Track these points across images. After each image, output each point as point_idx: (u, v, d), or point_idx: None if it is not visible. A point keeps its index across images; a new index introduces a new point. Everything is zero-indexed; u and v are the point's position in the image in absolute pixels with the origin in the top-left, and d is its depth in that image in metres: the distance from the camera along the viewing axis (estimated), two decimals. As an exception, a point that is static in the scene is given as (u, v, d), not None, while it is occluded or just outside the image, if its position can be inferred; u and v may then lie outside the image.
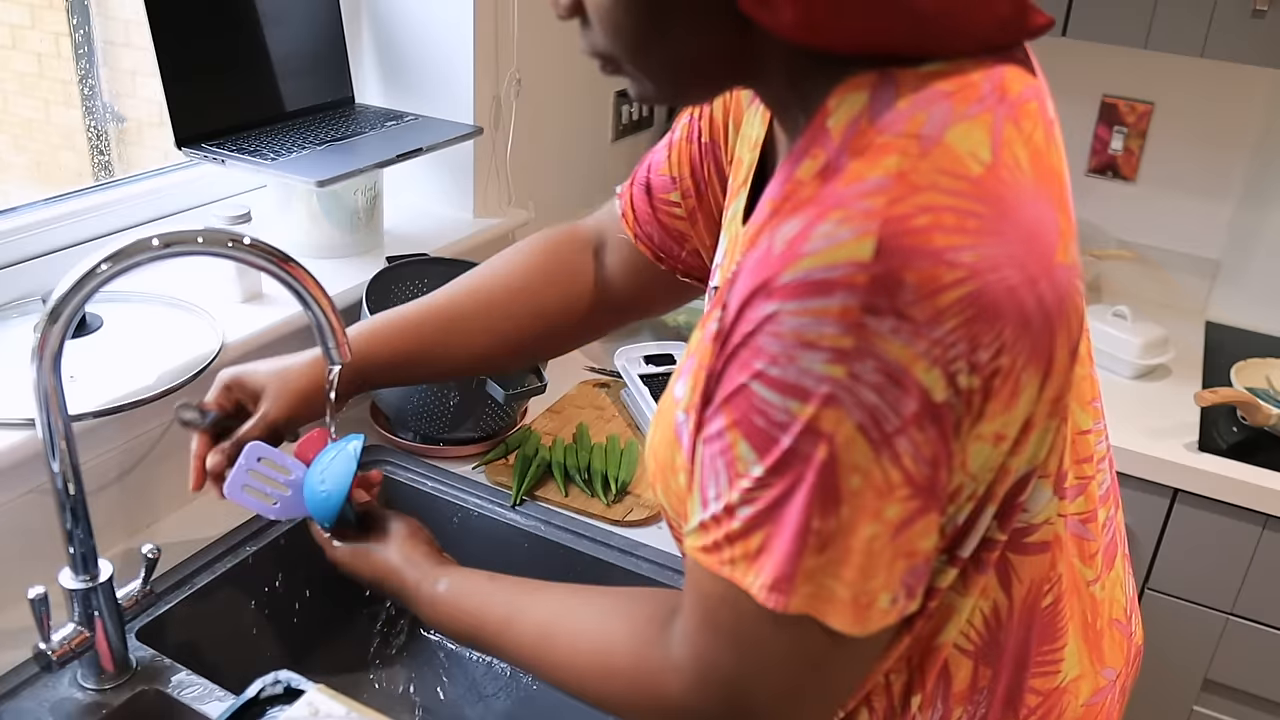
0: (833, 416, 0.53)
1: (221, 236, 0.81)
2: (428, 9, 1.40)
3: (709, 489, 0.59)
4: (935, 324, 0.52)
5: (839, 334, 0.51)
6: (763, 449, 0.56)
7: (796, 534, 0.55)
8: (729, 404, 0.57)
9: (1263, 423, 1.45)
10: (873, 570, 0.56)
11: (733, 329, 0.57)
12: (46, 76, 1.82)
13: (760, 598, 0.57)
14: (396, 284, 1.32)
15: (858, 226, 0.52)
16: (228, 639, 1.06)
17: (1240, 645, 1.48)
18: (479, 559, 1.20)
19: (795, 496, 0.55)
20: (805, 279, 0.52)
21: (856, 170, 0.54)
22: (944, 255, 0.51)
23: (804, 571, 0.56)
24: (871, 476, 0.54)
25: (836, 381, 0.52)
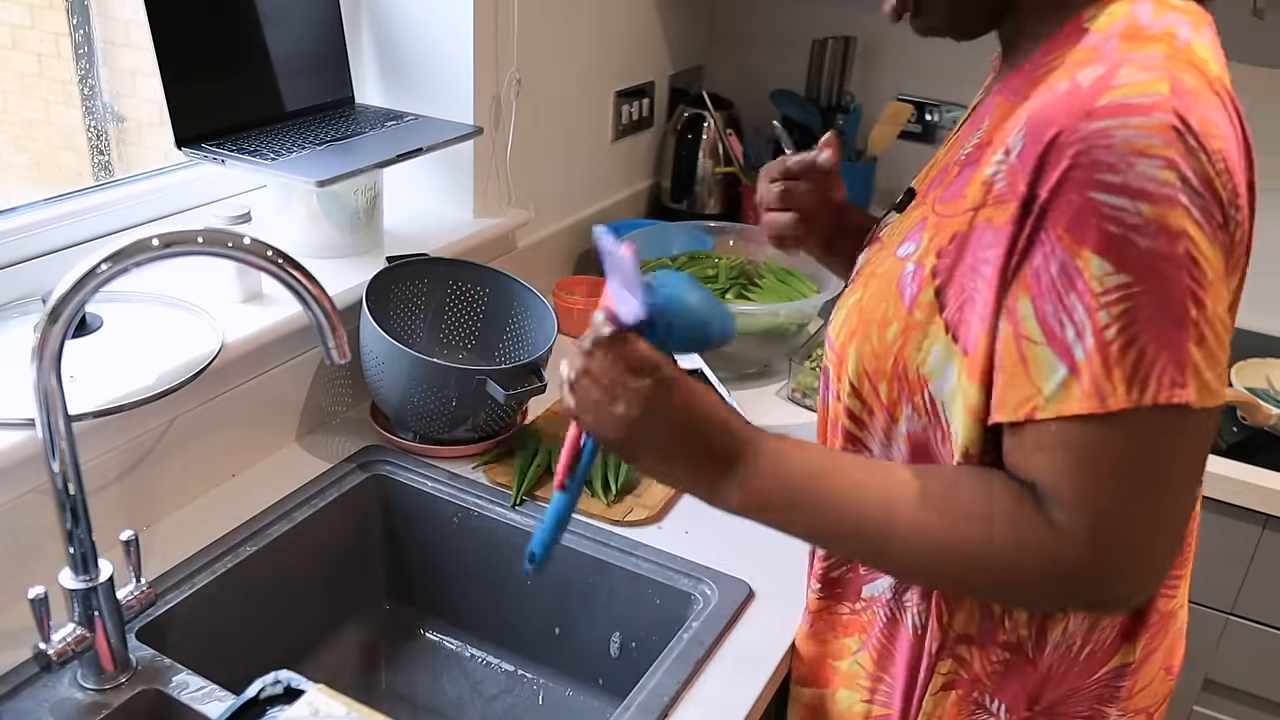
0: (1179, 214, 0.61)
1: (221, 236, 0.81)
2: (428, 9, 1.40)
3: (1064, 332, 0.63)
4: (1214, 159, 0.62)
5: (1165, 144, 0.60)
6: (1122, 256, 0.61)
7: (1178, 327, 0.61)
8: (1071, 229, 0.62)
9: (1263, 423, 1.45)
10: (1225, 347, 0.64)
11: (1047, 158, 0.63)
12: (46, 76, 1.82)
13: (1164, 399, 0.61)
14: (396, 284, 1.32)
15: (1153, 72, 0.62)
16: (228, 639, 1.06)
17: (1240, 645, 1.48)
18: (479, 559, 1.20)
19: (1167, 293, 0.61)
20: (1122, 101, 0.61)
21: (1130, 46, 0.65)
22: (1209, 112, 0.63)
23: (1193, 363, 0.62)
24: (1215, 266, 0.62)
25: (1173, 185, 0.60)
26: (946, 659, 0.82)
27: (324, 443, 1.28)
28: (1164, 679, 0.86)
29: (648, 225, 1.71)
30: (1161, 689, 0.86)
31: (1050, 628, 0.79)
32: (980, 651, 0.81)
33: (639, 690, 0.94)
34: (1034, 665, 0.81)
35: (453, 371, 1.18)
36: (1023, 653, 0.80)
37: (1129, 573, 0.67)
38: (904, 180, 2.02)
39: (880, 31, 1.91)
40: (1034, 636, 0.80)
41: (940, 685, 0.83)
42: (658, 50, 1.89)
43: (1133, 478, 0.64)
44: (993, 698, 0.82)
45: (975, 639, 0.81)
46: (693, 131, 1.88)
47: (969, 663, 0.81)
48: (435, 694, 1.20)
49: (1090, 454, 0.64)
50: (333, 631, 1.22)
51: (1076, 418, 0.64)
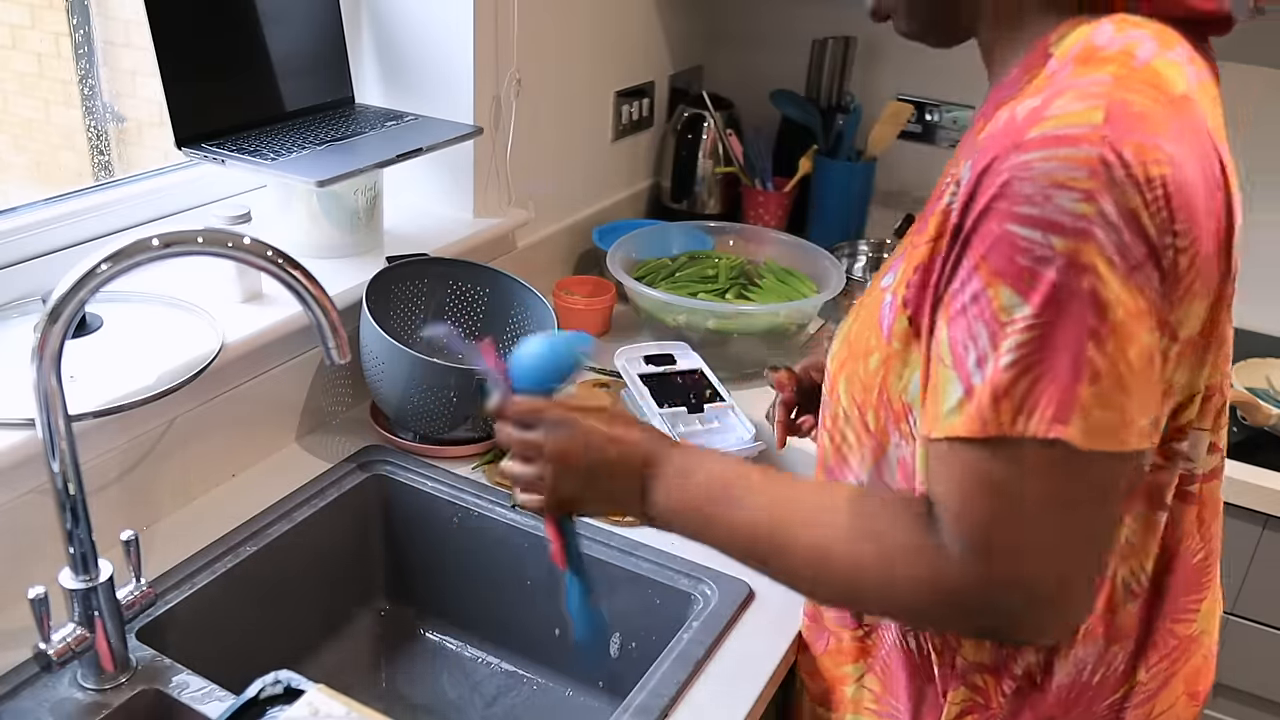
0: (1090, 250, 0.60)
1: (221, 236, 0.81)
2: (428, 9, 1.40)
3: (967, 357, 0.64)
4: (1149, 186, 0.60)
5: (1086, 176, 0.60)
6: (1029, 288, 0.61)
7: (1071, 365, 0.61)
8: (986, 258, 0.63)
9: (1263, 423, 1.45)
10: (1136, 393, 0.62)
11: (978, 189, 0.64)
12: (46, 76, 1.82)
13: (1041, 432, 0.61)
14: (396, 284, 1.32)
15: (1089, 101, 0.62)
16: (228, 639, 1.06)
17: (1240, 645, 1.48)
18: (479, 559, 1.20)
19: (1066, 329, 0.61)
20: (1052, 133, 0.61)
21: (1081, 71, 0.64)
22: (1153, 137, 0.61)
23: (1080, 402, 0.61)
24: (1127, 305, 0.61)
25: (1089, 218, 0.60)
26: (959, 687, 0.81)
27: (324, 443, 1.28)
28: (1188, 704, 0.85)
29: (648, 225, 1.71)
30: (1186, 713, 0.85)
31: (1057, 656, 0.79)
32: (995, 679, 0.80)
33: (639, 690, 0.94)
34: (1043, 692, 0.80)
35: (453, 371, 1.18)
36: (1031, 679, 0.80)
37: (1009, 600, 0.66)
38: (904, 180, 2.03)
39: (880, 31, 1.91)
40: (1042, 664, 0.79)
41: (954, 715, 0.82)
42: (658, 50, 1.89)
43: (1017, 507, 0.64)
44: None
45: (989, 667, 0.80)
46: (693, 131, 1.88)
47: (983, 690, 0.81)
48: (435, 694, 1.20)
49: (974, 477, 0.65)
50: (333, 631, 1.22)
51: (962, 440, 0.64)
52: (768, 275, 1.61)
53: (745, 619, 1.04)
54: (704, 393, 1.36)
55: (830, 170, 1.86)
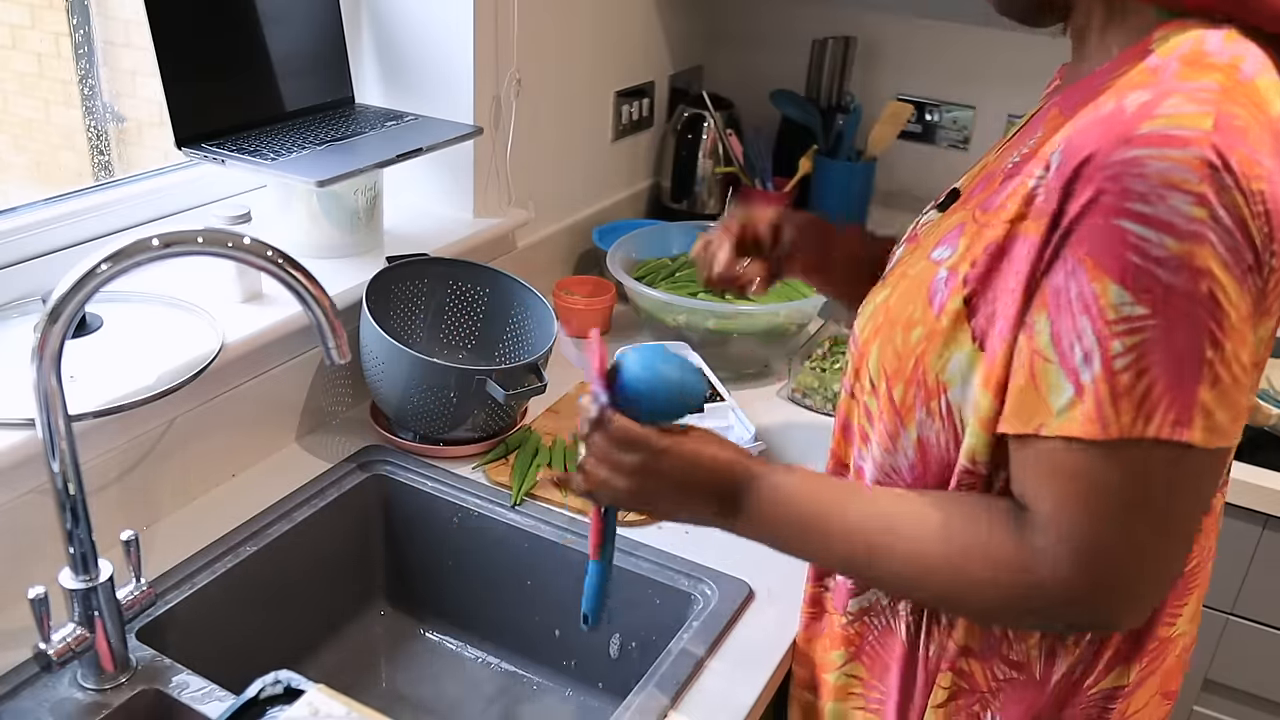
0: (1205, 253, 0.60)
1: (221, 236, 0.81)
2: (428, 9, 1.40)
3: (1073, 354, 0.64)
4: (1253, 198, 0.61)
5: (1199, 180, 0.59)
6: (1141, 286, 0.61)
7: (1191, 367, 0.61)
8: (1093, 253, 0.62)
9: (1263, 423, 1.45)
10: (1244, 391, 0.63)
11: (1078, 178, 0.63)
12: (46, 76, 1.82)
13: (1165, 435, 0.62)
14: (396, 284, 1.32)
15: (1199, 106, 0.61)
16: (228, 639, 1.06)
17: (1240, 645, 1.48)
18: (479, 559, 1.20)
19: (1184, 330, 0.61)
20: (1163, 132, 0.60)
21: (1188, 73, 0.63)
22: (1255, 152, 0.61)
23: (1201, 405, 0.62)
24: (1240, 309, 0.61)
25: (1202, 222, 0.60)
26: (947, 671, 0.82)
27: (324, 443, 1.28)
28: (1160, 703, 0.85)
29: (648, 225, 1.71)
30: (1157, 713, 0.86)
31: (1060, 650, 0.79)
32: (982, 665, 0.81)
33: (639, 690, 0.94)
34: (1041, 687, 0.80)
35: (453, 371, 1.18)
36: (1030, 673, 0.80)
37: (1109, 601, 0.68)
38: (904, 180, 2.03)
39: (880, 31, 1.91)
40: (1044, 657, 0.79)
41: (940, 700, 0.83)
42: (658, 50, 1.89)
43: (1123, 509, 0.64)
44: (994, 715, 0.82)
45: (977, 652, 0.81)
46: (693, 131, 1.88)
47: (970, 675, 0.81)
48: (435, 694, 1.20)
49: (1084, 479, 0.65)
50: (333, 631, 1.22)
51: (1077, 441, 0.64)
52: (768, 275, 1.61)
53: (745, 619, 1.04)
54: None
55: (830, 170, 1.86)
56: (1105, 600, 0.67)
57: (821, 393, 1.41)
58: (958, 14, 1.59)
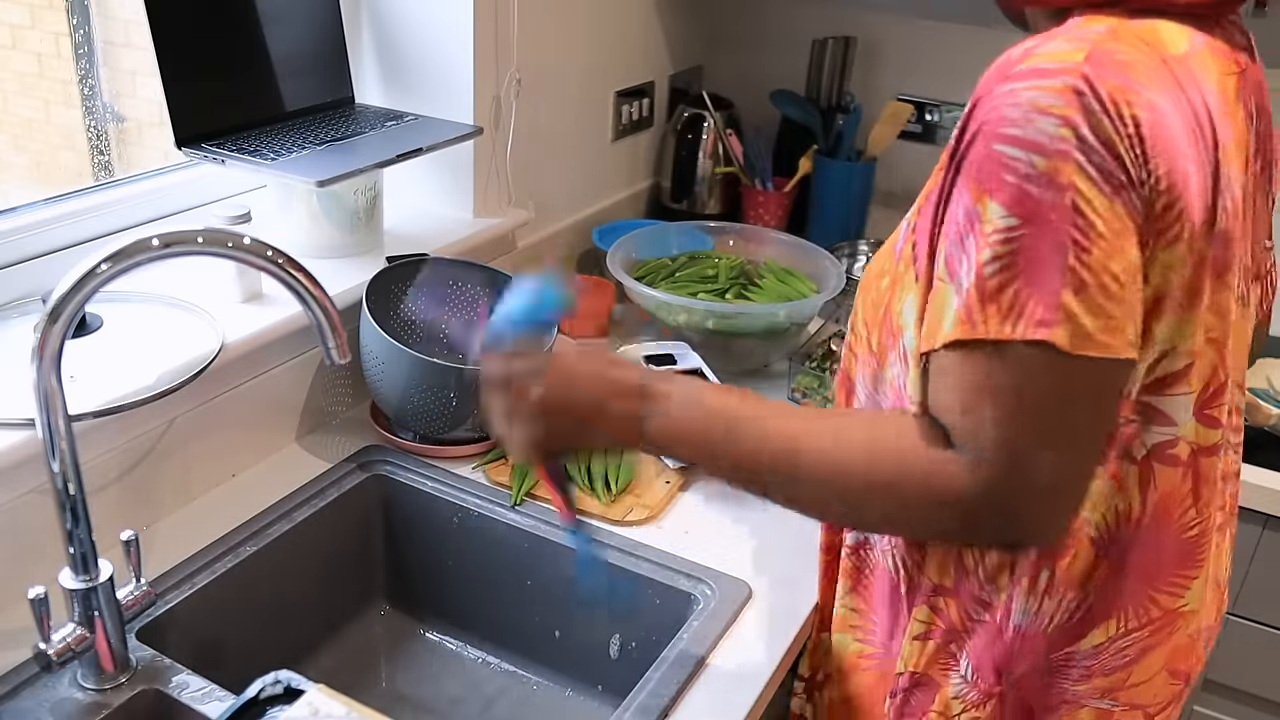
0: (1070, 169, 0.65)
1: (221, 236, 0.81)
2: (428, 9, 1.40)
3: (960, 269, 0.69)
4: (1122, 122, 0.65)
5: (1064, 105, 0.65)
6: (1013, 200, 0.66)
7: (1056, 272, 0.65)
8: (976, 177, 0.68)
9: (1263, 423, 1.45)
10: (1120, 302, 0.66)
11: (971, 116, 0.69)
12: (46, 76, 1.82)
13: (1030, 335, 0.65)
14: (396, 284, 1.32)
15: (1076, 44, 0.67)
16: (228, 639, 1.06)
17: (1240, 645, 1.48)
18: (479, 559, 1.20)
19: (1048, 238, 0.65)
20: (1036, 66, 0.67)
21: (1080, 24, 0.70)
22: (1133, 83, 0.66)
23: (1064, 308, 0.65)
24: (1110, 222, 0.65)
25: (1067, 140, 0.65)
26: (922, 605, 0.85)
27: (324, 443, 1.28)
28: (1168, 680, 0.86)
29: (648, 225, 1.71)
30: (1165, 691, 0.86)
31: (1016, 594, 0.81)
32: (956, 603, 0.84)
33: (639, 690, 0.94)
34: (1001, 633, 0.82)
35: (453, 371, 1.18)
36: (994, 616, 0.82)
37: (1016, 505, 0.70)
38: (904, 180, 2.03)
39: (880, 31, 1.91)
40: (1004, 603, 0.82)
41: (916, 633, 0.86)
42: (658, 50, 1.89)
43: (1014, 411, 0.67)
44: (967, 658, 0.84)
45: (950, 590, 0.83)
46: (693, 131, 1.88)
47: (944, 613, 0.84)
48: (435, 694, 1.20)
49: (969, 380, 0.69)
50: (333, 631, 1.22)
51: (957, 344, 0.69)
52: (768, 275, 1.61)
53: (745, 619, 1.04)
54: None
55: (830, 170, 1.86)
56: (1014, 502, 0.69)
57: (821, 393, 1.41)
58: (958, 14, 1.59)
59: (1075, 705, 0.84)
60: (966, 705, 0.85)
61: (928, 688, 0.87)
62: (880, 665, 0.93)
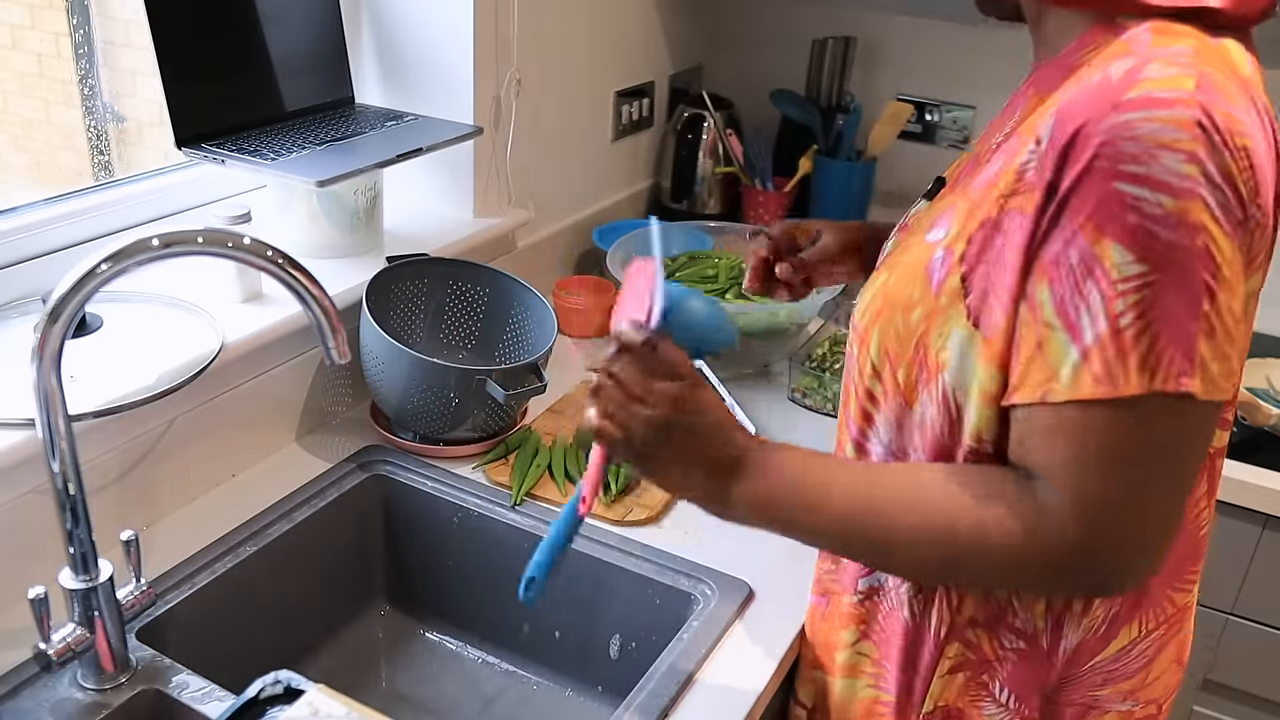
0: (1199, 208, 0.62)
1: (221, 236, 0.81)
2: (428, 9, 1.40)
3: (1080, 318, 0.65)
4: (1239, 154, 0.63)
5: (1189, 139, 0.61)
6: (1142, 246, 0.62)
7: (1190, 320, 0.63)
8: (1093, 217, 0.63)
9: (1263, 423, 1.45)
10: (1235, 342, 0.65)
11: (1072, 148, 0.64)
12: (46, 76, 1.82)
13: (1171, 388, 0.63)
14: (396, 284, 1.32)
15: (1181, 68, 0.63)
16: (228, 639, 1.06)
17: (1240, 645, 1.48)
18: (479, 559, 1.20)
19: (1182, 285, 0.62)
20: (1150, 95, 0.62)
21: (1161, 40, 0.66)
22: (1236, 109, 0.63)
23: (1200, 356, 0.63)
24: (1232, 262, 0.63)
25: (1194, 179, 0.61)
26: (954, 643, 0.83)
27: (324, 443, 1.28)
28: (1174, 671, 0.87)
29: (648, 225, 1.71)
30: (1172, 681, 0.87)
31: (1068, 620, 0.80)
32: (989, 634, 0.82)
33: (639, 690, 0.94)
34: (1049, 659, 0.81)
35: (453, 371, 1.18)
36: (1038, 644, 0.81)
37: (1118, 557, 0.69)
38: (904, 180, 2.03)
39: (880, 31, 1.91)
40: (1050, 629, 0.80)
41: (947, 669, 0.84)
42: (658, 50, 1.89)
43: (1129, 463, 0.66)
44: (1002, 686, 0.83)
45: (982, 623, 0.82)
46: (693, 131, 1.88)
47: (976, 645, 0.82)
48: (435, 694, 1.20)
49: (1093, 438, 0.66)
50: (333, 632, 1.22)
51: (1087, 402, 0.65)
52: (768, 275, 1.61)
53: (745, 619, 1.04)
54: (704, 393, 1.36)
55: (830, 170, 1.86)
56: (1112, 557, 0.68)
57: (821, 393, 1.41)
58: (958, 14, 1.59)
59: (1100, 711, 0.84)
60: None
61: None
62: (897, 710, 0.89)
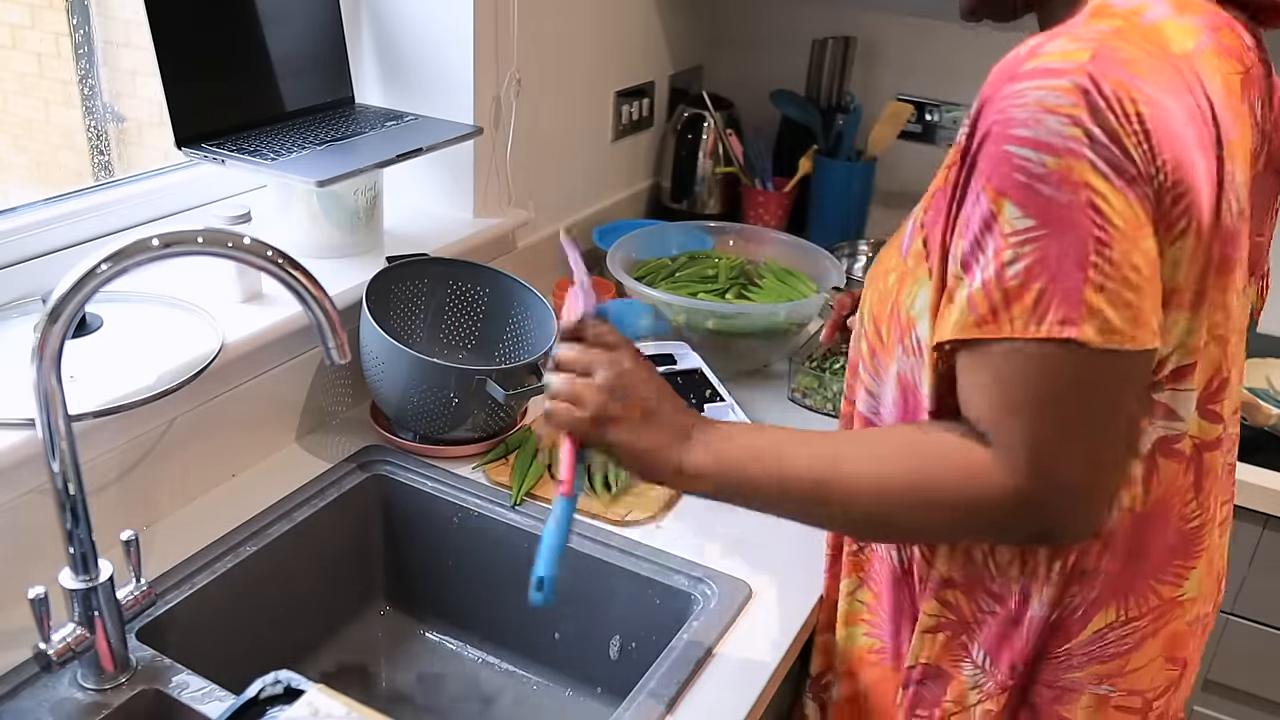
0: (1083, 166, 0.65)
1: (221, 236, 0.81)
2: (428, 9, 1.40)
3: (976, 266, 0.69)
4: (1127, 119, 0.66)
5: (1072, 104, 0.65)
6: (1028, 201, 0.67)
7: (1077, 270, 0.66)
8: (990, 177, 0.68)
9: (1263, 423, 1.45)
10: (1143, 294, 0.67)
11: (979, 117, 0.70)
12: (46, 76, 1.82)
13: (1055, 334, 0.66)
14: (396, 284, 1.32)
15: (1081, 43, 0.68)
16: (228, 639, 1.06)
17: (1240, 645, 1.48)
18: (479, 559, 1.20)
19: (1068, 237, 0.66)
20: (1042, 66, 0.67)
21: (1090, 22, 0.71)
22: (1135, 80, 0.67)
23: (1089, 304, 0.66)
24: (1127, 216, 0.66)
25: (1077, 139, 0.65)
26: (930, 599, 0.86)
27: (324, 443, 1.28)
28: (1164, 667, 0.87)
29: (648, 225, 1.71)
30: (1161, 676, 0.87)
31: (1033, 587, 0.82)
32: (966, 596, 0.84)
33: (639, 691, 0.94)
34: (1018, 626, 0.83)
35: (453, 371, 1.18)
36: (1008, 608, 0.83)
37: (1052, 501, 0.71)
38: (904, 180, 2.03)
39: (880, 31, 1.91)
40: (1019, 593, 0.82)
41: (926, 626, 0.87)
42: (658, 50, 1.89)
43: (1044, 407, 0.69)
44: (980, 648, 0.85)
45: (960, 583, 0.84)
46: (693, 131, 1.88)
47: (955, 606, 0.85)
48: (435, 694, 1.20)
49: (997, 381, 0.70)
50: (333, 631, 1.22)
51: (980, 343, 0.70)
52: (768, 275, 1.61)
53: (745, 619, 1.04)
54: (704, 392, 1.36)
55: (830, 170, 1.86)
56: (1050, 498, 0.71)
57: (821, 393, 1.41)
58: (958, 14, 1.59)
59: (1075, 692, 0.85)
60: (983, 695, 0.86)
61: (940, 679, 0.88)
62: (889, 659, 0.94)
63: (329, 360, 0.88)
